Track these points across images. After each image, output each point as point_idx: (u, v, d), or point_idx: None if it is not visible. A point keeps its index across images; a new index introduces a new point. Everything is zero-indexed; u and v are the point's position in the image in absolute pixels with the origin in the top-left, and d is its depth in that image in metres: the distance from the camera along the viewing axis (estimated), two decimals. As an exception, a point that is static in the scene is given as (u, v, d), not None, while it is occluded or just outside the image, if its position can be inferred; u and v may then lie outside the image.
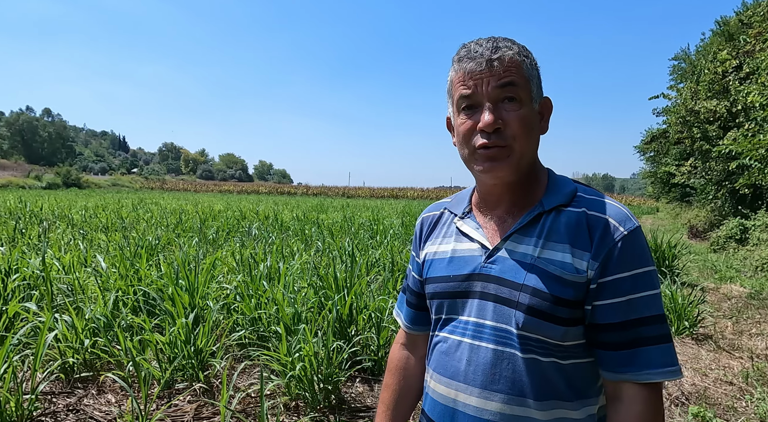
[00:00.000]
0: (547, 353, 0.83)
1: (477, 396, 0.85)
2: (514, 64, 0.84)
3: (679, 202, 24.17)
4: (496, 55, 0.83)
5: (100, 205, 16.09)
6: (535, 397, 0.82)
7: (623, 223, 0.81)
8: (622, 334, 0.79)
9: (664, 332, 0.80)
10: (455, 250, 0.95)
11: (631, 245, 0.80)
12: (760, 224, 10.15)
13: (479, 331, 0.87)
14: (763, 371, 3.56)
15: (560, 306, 0.81)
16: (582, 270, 0.81)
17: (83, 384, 2.79)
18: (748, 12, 14.57)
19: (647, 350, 0.78)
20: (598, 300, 0.81)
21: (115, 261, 4.42)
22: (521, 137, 0.84)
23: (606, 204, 0.85)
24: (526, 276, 0.84)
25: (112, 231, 8.68)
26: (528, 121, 0.84)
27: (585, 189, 0.90)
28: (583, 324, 0.83)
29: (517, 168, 0.86)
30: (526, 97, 0.85)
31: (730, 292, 6.43)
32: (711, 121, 13.05)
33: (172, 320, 2.96)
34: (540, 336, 0.82)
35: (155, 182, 63.81)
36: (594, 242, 0.81)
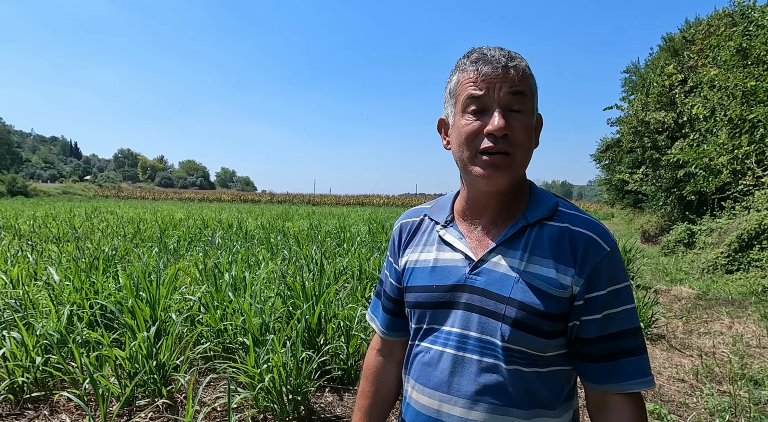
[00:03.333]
0: (529, 363, 0.85)
1: (461, 406, 0.86)
2: (526, 75, 0.86)
3: (633, 208, 25.34)
4: (513, 64, 0.85)
5: (50, 214, 15.26)
6: (519, 406, 0.84)
7: (606, 240, 0.85)
8: (604, 347, 0.83)
9: (641, 344, 0.84)
10: (437, 260, 0.94)
11: (613, 262, 0.84)
12: (705, 229, 10.79)
13: (463, 342, 0.88)
14: (711, 368, 3.78)
15: (544, 319, 0.82)
16: (566, 285, 0.83)
17: (34, 405, 2.63)
18: (690, 30, 15.57)
19: (627, 361, 0.83)
20: (585, 315, 0.84)
21: (68, 273, 4.20)
22: (523, 147, 0.85)
23: (587, 220, 0.88)
24: (512, 289, 0.84)
25: (63, 242, 8.25)
26: (530, 132, 0.86)
27: (564, 203, 0.93)
28: (565, 336, 0.87)
29: (514, 177, 0.87)
30: (530, 109, 0.87)
31: (680, 293, 6.79)
32: (660, 132, 13.81)
33: (132, 334, 2.84)
34: (524, 348, 0.84)
35: (110, 190, 61.11)
36: (578, 258, 0.83)
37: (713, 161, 7.68)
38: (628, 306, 0.84)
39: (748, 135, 6.61)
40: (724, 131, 7.37)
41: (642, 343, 0.85)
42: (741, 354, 4.09)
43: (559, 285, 0.83)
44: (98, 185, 66.80)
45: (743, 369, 3.72)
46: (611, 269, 0.83)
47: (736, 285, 7.24)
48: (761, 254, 7.76)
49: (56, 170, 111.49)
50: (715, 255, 8.69)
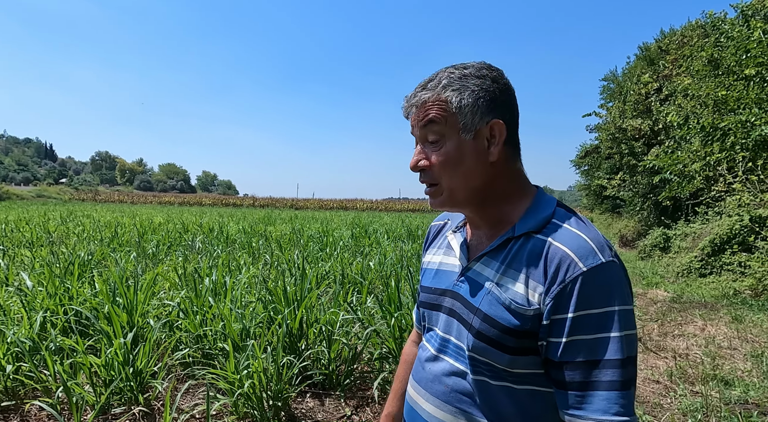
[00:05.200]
0: (496, 377, 0.83)
1: (431, 404, 0.90)
2: (434, 103, 0.85)
3: (611, 213, 25.87)
4: (414, 100, 0.87)
5: (23, 217, 14.82)
6: (482, 417, 0.84)
7: (585, 259, 0.76)
8: (573, 374, 0.76)
9: (620, 378, 0.74)
10: (442, 263, 0.98)
11: (590, 283, 0.75)
12: (679, 233, 11.08)
13: (444, 345, 0.91)
14: (684, 369, 3.88)
15: (507, 334, 0.80)
16: (534, 302, 0.79)
17: (4, 415, 2.55)
18: (665, 40, 16.04)
19: (598, 395, 0.74)
20: (550, 336, 0.78)
21: (42, 278, 4.09)
22: (445, 175, 0.85)
23: (574, 234, 0.80)
24: (481, 300, 0.84)
25: (37, 246, 8.03)
26: (451, 157, 0.84)
27: (564, 215, 0.85)
28: (538, 355, 0.81)
29: (452, 202, 0.87)
30: (452, 131, 0.84)
31: (656, 297, 6.96)
32: (637, 138, 14.17)
33: (108, 340, 2.78)
34: (488, 360, 0.83)
35: (87, 193, 59.66)
36: (548, 275, 0.78)
37: (687, 167, 7.92)
38: (609, 334, 0.74)
39: (719, 142, 6.84)
40: (697, 139, 7.61)
41: (624, 378, 0.74)
42: (713, 355, 4.21)
43: (526, 301, 0.79)
44: (74, 188, 65.18)
45: (715, 370, 3.83)
46: (586, 291, 0.75)
47: (709, 289, 7.45)
48: (732, 258, 8.00)
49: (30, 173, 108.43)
50: (689, 259, 8.93)
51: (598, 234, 0.81)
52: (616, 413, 0.73)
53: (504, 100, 0.86)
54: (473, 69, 0.86)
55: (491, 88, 0.85)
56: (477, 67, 0.86)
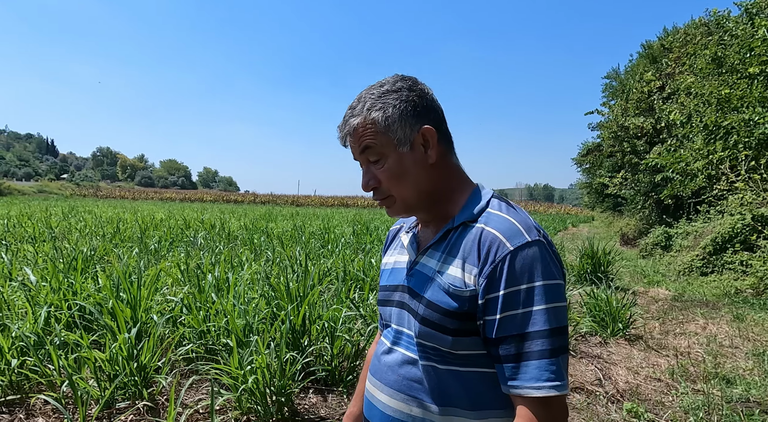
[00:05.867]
0: (443, 361, 0.87)
1: (386, 394, 0.95)
2: (365, 127, 0.90)
3: (612, 212, 25.86)
4: (346, 129, 0.92)
5: (25, 213, 14.85)
6: (432, 402, 0.88)
7: (512, 239, 0.82)
8: (508, 348, 0.81)
9: (548, 347, 0.79)
10: (396, 262, 1.04)
11: (516, 262, 0.80)
12: (681, 232, 11.08)
13: (398, 337, 0.97)
14: (686, 367, 3.89)
15: (448, 317, 0.85)
16: (470, 284, 0.84)
17: (9, 409, 2.56)
18: (669, 38, 15.99)
19: (531, 364, 0.79)
20: (486, 315, 0.83)
21: (45, 274, 4.10)
22: (394, 187, 0.91)
23: (503, 219, 0.86)
24: (425, 288, 0.90)
25: (39, 242, 8.04)
26: (395, 171, 0.90)
27: (497, 204, 0.91)
28: (478, 335, 0.85)
29: (406, 208, 0.95)
30: (388, 149, 0.90)
31: (657, 295, 6.97)
32: (639, 137, 14.14)
33: (112, 335, 2.80)
34: (434, 344, 0.87)
35: (88, 189, 59.71)
36: (481, 257, 0.83)
37: (689, 166, 7.91)
38: (535, 307, 0.79)
39: (722, 141, 6.83)
40: (699, 137, 7.59)
41: (553, 347, 0.79)
42: (714, 353, 4.22)
43: (463, 284, 0.85)
44: (75, 184, 65.28)
45: (716, 368, 3.84)
46: (513, 269, 0.80)
47: (710, 287, 7.45)
48: (734, 257, 8.00)
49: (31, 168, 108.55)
50: (691, 258, 8.93)
51: (527, 218, 0.87)
52: (547, 379, 0.78)
53: (424, 104, 0.91)
54: (389, 84, 0.91)
55: (410, 98, 0.90)
56: (392, 82, 0.92)
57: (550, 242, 0.86)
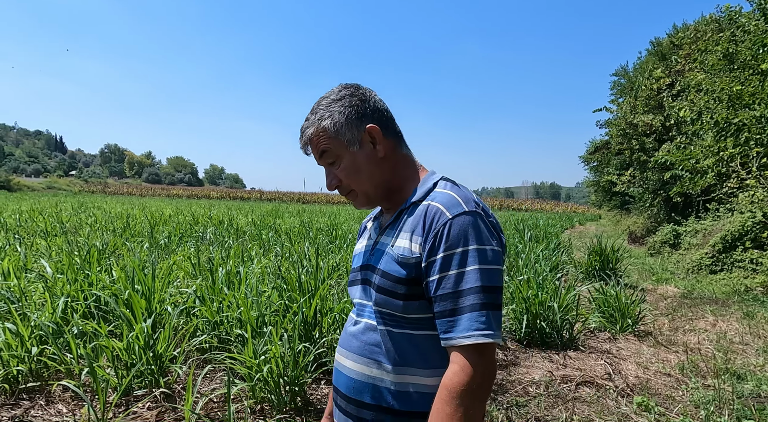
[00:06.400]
0: (397, 325, 0.98)
1: (350, 359, 1.04)
2: (318, 135, 1.03)
3: (620, 210, 25.70)
4: (304, 139, 1.05)
5: (36, 208, 15.01)
6: (389, 362, 0.97)
7: (451, 209, 0.93)
8: (444, 304, 0.90)
9: (479, 301, 0.87)
10: (363, 246, 1.14)
11: (453, 228, 0.91)
12: (690, 230, 11.01)
13: (361, 309, 1.07)
14: (696, 363, 3.88)
15: (398, 284, 0.96)
16: (416, 252, 0.95)
17: (29, 395, 2.62)
18: (678, 34, 15.84)
19: (463, 317, 0.88)
20: (428, 277, 0.93)
21: (59, 266, 4.17)
22: (353, 182, 1.04)
23: (446, 194, 0.97)
24: (381, 261, 1.01)
25: (51, 236, 8.14)
26: (351, 169, 1.03)
27: (444, 184, 1.02)
28: (425, 300, 0.95)
29: (368, 200, 1.07)
30: (341, 150, 1.02)
31: (666, 292, 6.94)
32: (648, 134, 14.05)
33: (128, 325, 2.84)
34: (388, 310, 0.98)
35: (96, 185, 60.17)
36: (426, 227, 0.94)
37: (699, 163, 7.85)
38: (469, 268, 0.89)
39: (733, 138, 6.78)
40: (710, 134, 7.54)
41: (483, 301, 0.87)
42: (725, 350, 4.21)
43: (410, 252, 0.95)
44: (84, 180, 65.80)
45: (727, 364, 3.83)
46: (450, 235, 0.90)
47: (719, 285, 7.41)
48: (744, 255, 7.95)
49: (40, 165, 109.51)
50: (700, 255, 8.88)
51: (469, 194, 0.99)
52: (476, 329, 0.87)
53: (366, 107, 1.03)
54: (334, 94, 1.04)
55: (353, 103, 1.03)
56: (336, 92, 1.05)
57: (489, 213, 0.97)
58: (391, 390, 0.97)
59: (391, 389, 0.97)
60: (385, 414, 0.97)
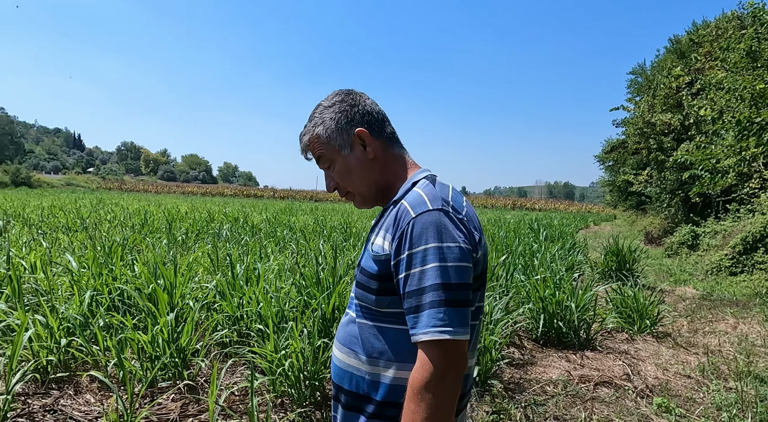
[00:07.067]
0: (373, 318, 1.02)
1: (337, 348, 1.11)
2: (313, 141, 1.10)
3: (635, 210, 25.34)
4: (302, 147, 1.13)
5: (56, 204, 15.33)
6: (363, 353, 1.02)
7: (415, 208, 0.96)
8: (410, 301, 0.92)
9: (439, 298, 0.89)
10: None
11: (416, 227, 0.93)
12: (709, 231, 10.82)
13: (351, 303, 1.13)
14: (717, 365, 3.83)
15: (372, 279, 1.00)
16: (387, 249, 0.98)
17: (58, 385, 2.69)
18: (698, 32, 15.55)
19: (424, 313, 0.90)
20: (397, 275, 0.96)
21: (82, 261, 4.26)
22: (348, 184, 1.11)
23: (415, 193, 1.00)
24: (362, 257, 1.07)
25: (73, 231, 8.32)
26: (345, 172, 1.09)
27: (422, 183, 1.04)
28: (396, 295, 0.98)
29: (364, 200, 1.13)
30: (335, 155, 1.09)
31: (684, 294, 6.84)
32: (666, 133, 13.83)
33: (153, 319, 2.91)
34: (365, 303, 1.03)
35: (113, 182, 61.18)
36: (395, 226, 0.98)
37: (720, 163, 7.71)
38: (431, 265, 0.91)
39: (755, 137, 6.65)
40: (731, 133, 7.40)
41: (443, 298, 0.89)
42: (746, 352, 4.15)
43: (383, 249, 0.99)
44: (101, 177, 66.90)
45: (749, 366, 3.77)
46: (413, 233, 0.93)
47: (740, 287, 7.28)
48: (765, 257, 7.79)
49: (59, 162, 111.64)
50: (719, 257, 8.73)
51: (439, 192, 1.00)
52: (433, 326, 0.89)
53: (355, 111, 1.09)
54: (326, 101, 1.11)
55: (343, 109, 1.08)
56: (328, 99, 1.11)
57: (457, 211, 0.98)
58: (366, 379, 1.02)
59: (366, 378, 1.01)
60: (361, 401, 1.02)
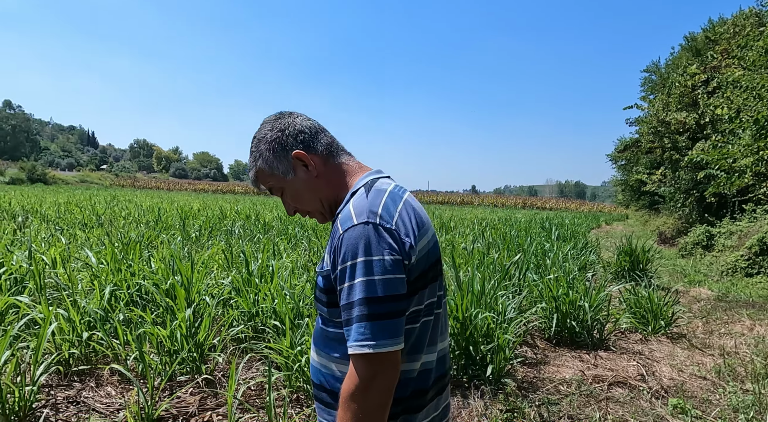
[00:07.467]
0: (328, 325, 1.07)
1: (312, 350, 1.15)
2: (259, 176, 1.13)
3: (648, 210, 25.06)
4: (251, 182, 1.17)
5: (72, 201, 15.59)
6: (323, 352, 1.09)
7: (344, 224, 0.97)
8: (344, 314, 0.95)
9: (361, 313, 0.92)
10: None
11: (344, 242, 0.95)
12: (725, 231, 10.67)
13: None
14: (733, 367, 3.79)
15: (321, 293, 1.05)
16: (328, 265, 1.02)
17: (80, 378, 2.76)
18: (715, 29, 15.31)
19: (352, 327, 0.93)
20: (336, 288, 0.99)
21: (99, 257, 4.34)
22: (303, 205, 1.14)
23: (346, 208, 1.01)
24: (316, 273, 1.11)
25: (89, 227, 8.46)
26: (296, 195, 1.13)
27: (358, 193, 1.05)
28: None
29: (322, 216, 1.15)
30: (282, 183, 1.12)
31: (699, 295, 6.77)
32: (681, 132, 13.65)
33: (171, 314, 2.96)
34: (320, 312, 1.09)
35: (126, 179, 61.97)
36: (331, 242, 1.01)
37: (736, 163, 7.61)
38: (357, 280, 0.93)
39: (774, 137, 6.54)
40: (748, 132, 7.28)
41: (368, 313, 0.92)
42: (764, 354, 4.09)
43: (326, 264, 1.03)
44: (114, 174, 67.81)
45: (767, 369, 3.73)
46: (342, 249, 0.96)
47: (756, 289, 7.18)
48: (783, 258, 7.67)
49: (74, 159, 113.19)
50: (735, 258, 8.61)
51: (368, 204, 1.00)
52: (356, 340, 0.92)
53: (287, 135, 1.10)
54: (258, 133, 1.13)
55: (274, 137, 1.11)
56: (259, 130, 1.14)
57: (385, 221, 0.97)
58: (324, 373, 1.09)
59: (325, 372, 1.08)
60: (324, 392, 1.09)
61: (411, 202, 1.07)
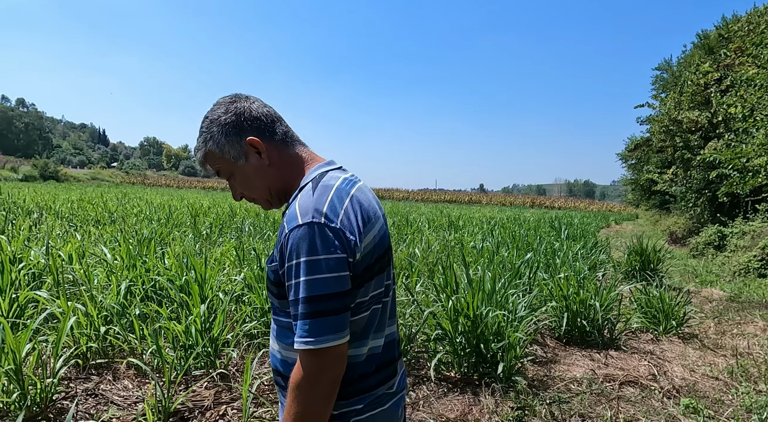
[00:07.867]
0: (281, 314, 1.08)
1: (271, 336, 1.17)
2: (207, 157, 1.11)
3: (659, 209, 24.81)
4: (198, 162, 1.15)
5: (84, 198, 15.78)
6: (276, 343, 1.12)
7: (289, 223, 0.98)
8: (292, 310, 0.98)
9: (303, 311, 0.95)
10: None
11: (290, 241, 0.96)
12: (737, 231, 10.55)
13: None
14: (746, 368, 3.77)
15: (272, 285, 1.06)
16: (276, 260, 1.02)
17: (98, 371, 2.81)
18: (729, 26, 15.11)
19: (297, 324, 0.96)
20: (285, 284, 1.01)
21: (116, 252, 4.41)
22: (252, 192, 1.13)
23: (293, 205, 1.01)
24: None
25: (102, 224, 8.57)
26: (244, 182, 1.11)
27: (305, 191, 1.04)
28: None
29: (268, 203, 1.15)
30: (231, 167, 1.10)
31: (711, 295, 6.71)
32: (693, 131, 13.50)
33: (187, 310, 3.00)
34: (272, 303, 1.10)
35: (136, 177, 62.57)
36: (278, 239, 1.02)
37: (750, 162, 7.52)
38: (300, 279, 0.95)
39: (789, 136, 6.46)
40: (762, 131, 7.20)
41: (309, 311, 0.94)
42: (777, 355, 4.06)
43: (275, 259, 1.04)
44: (125, 172, 68.49)
45: (780, 370, 3.70)
46: (288, 248, 0.96)
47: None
48: (797, 258, 7.58)
49: (85, 156, 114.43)
50: (748, 258, 8.52)
51: (313, 202, 0.99)
52: (299, 336, 0.95)
53: (241, 120, 1.08)
54: (211, 113, 1.11)
55: (228, 120, 1.08)
56: (212, 111, 1.11)
57: (330, 219, 0.97)
58: (280, 359, 1.11)
59: (280, 358, 1.11)
60: (279, 377, 1.12)
61: (358, 196, 1.06)
